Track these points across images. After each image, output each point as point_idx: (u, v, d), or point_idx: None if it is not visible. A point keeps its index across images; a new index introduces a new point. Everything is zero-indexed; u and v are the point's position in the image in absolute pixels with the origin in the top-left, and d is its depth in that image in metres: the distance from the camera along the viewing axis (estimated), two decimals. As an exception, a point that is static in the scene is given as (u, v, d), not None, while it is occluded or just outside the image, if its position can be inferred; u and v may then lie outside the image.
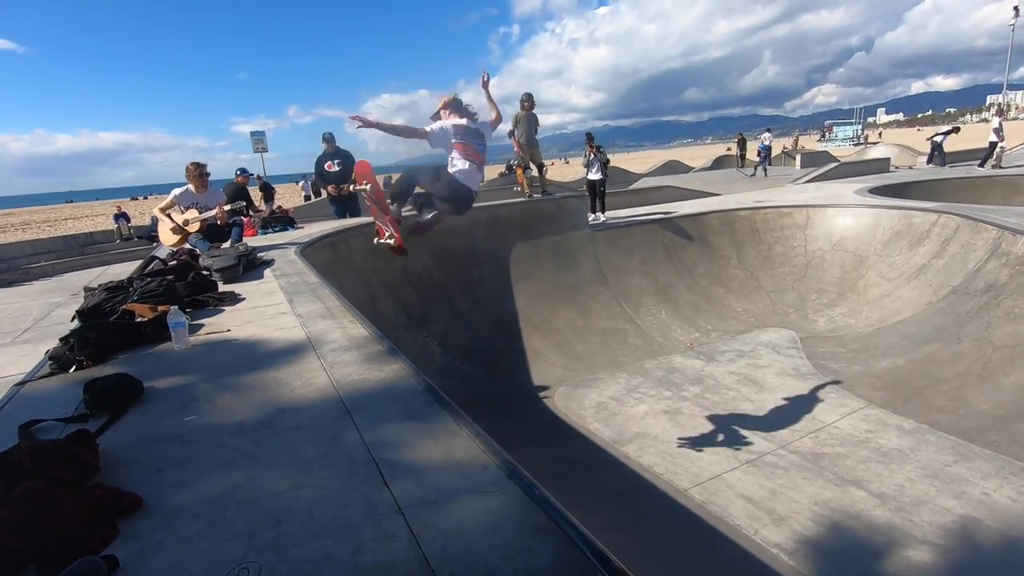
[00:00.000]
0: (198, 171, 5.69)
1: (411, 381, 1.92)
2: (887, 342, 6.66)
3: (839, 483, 4.28)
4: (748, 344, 7.29)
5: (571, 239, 8.74)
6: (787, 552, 3.64)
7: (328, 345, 2.40)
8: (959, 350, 5.82)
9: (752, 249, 9.50)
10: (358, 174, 4.56)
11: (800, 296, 8.57)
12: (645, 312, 8.33)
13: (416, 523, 1.17)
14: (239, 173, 8.72)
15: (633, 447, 5.07)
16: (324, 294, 3.37)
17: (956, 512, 3.85)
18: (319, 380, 2.01)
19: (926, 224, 8.07)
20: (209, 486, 1.38)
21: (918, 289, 7.35)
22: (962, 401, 5.17)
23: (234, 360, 2.33)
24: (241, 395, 1.94)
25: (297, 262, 4.73)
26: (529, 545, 1.06)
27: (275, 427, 1.68)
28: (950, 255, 7.35)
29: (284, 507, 1.27)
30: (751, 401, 5.75)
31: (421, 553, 1.07)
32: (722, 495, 4.28)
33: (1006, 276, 6.16)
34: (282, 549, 1.13)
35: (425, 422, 1.61)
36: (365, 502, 1.26)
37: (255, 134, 21.05)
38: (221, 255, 4.31)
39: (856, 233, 8.86)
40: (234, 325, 2.85)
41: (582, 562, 1.01)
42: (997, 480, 4.13)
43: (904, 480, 4.24)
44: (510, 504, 1.20)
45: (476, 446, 1.45)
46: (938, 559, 3.48)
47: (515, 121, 8.87)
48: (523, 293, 8.06)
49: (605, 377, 6.64)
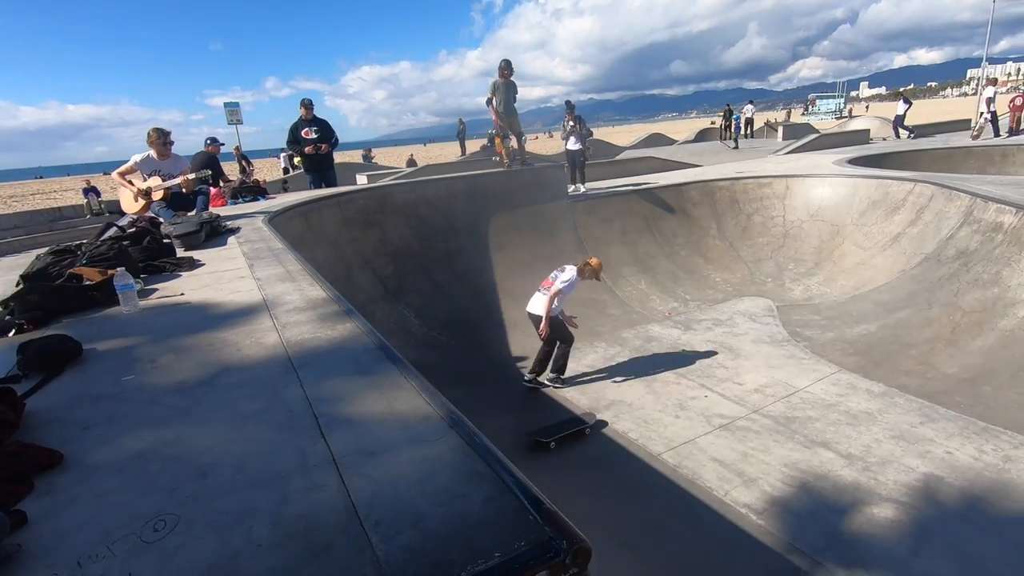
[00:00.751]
0: (160, 138, 5.47)
1: (364, 339, 1.86)
2: (861, 309, 6.74)
3: (809, 445, 4.35)
4: (725, 313, 7.34)
5: (550, 209, 8.65)
6: (756, 512, 3.69)
7: (284, 306, 2.32)
8: (929, 316, 5.91)
9: (731, 219, 9.50)
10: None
11: (778, 265, 8.62)
12: (624, 282, 8.33)
13: (348, 473, 1.12)
14: (209, 142, 8.43)
15: (609, 414, 5.10)
16: (287, 258, 3.27)
17: (920, 471, 3.93)
18: (269, 339, 1.94)
19: (902, 193, 8.12)
20: (136, 442, 1.31)
21: (892, 257, 7.42)
22: (930, 365, 5.27)
23: (183, 322, 2.24)
24: (185, 355, 1.86)
25: (264, 230, 4.60)
26: (463, 491, 1.02)
27: (216, 385, 1.60)
28: (924, 223, 7.41)
29: (212, 461, 1.21)
30: (726, 368, 5.80)
31: (350, 502, 1.02)
32: (694, 459, 4.32)
33: (976, 243, 6.23)
34: (204, 501, 1.07)
35: (372, 376, 1.55)
36: (298, 454, 1.20)
37: (229, 105, 20.40)
38: (183, 222, 4.16)
39: (834, 203, 8.89)
40: (189, 289, 2.75)
41: (515, 506, 0.96)
42: (960, 440, 4.22)
43: (871, 441, 4.32)
44: (448, 452, 1.15)
45: (421, 398, 1.39)
46: (901, 516, 3.55)
47: (493, 89, 8.66)
48: (502, 264, 7.99)
49: (583, 347, 6.64)
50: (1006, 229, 5.91)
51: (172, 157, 5.61)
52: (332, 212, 6.83)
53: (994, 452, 4.03)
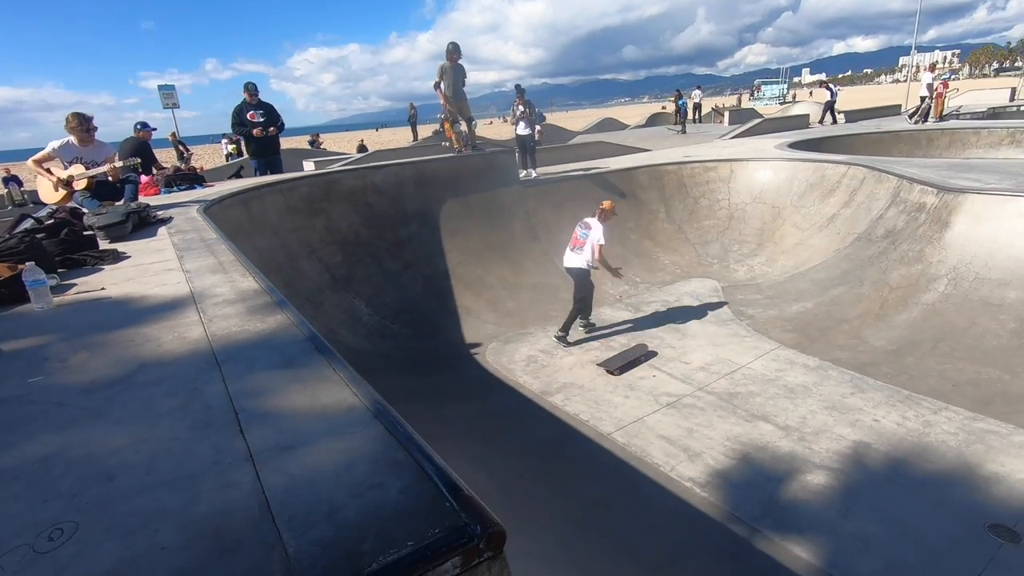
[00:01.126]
0: (81, 123, 5.12)
1: (294, 331, 1.80)
2: (798, 287, 7.04)
3: (750, 419, 4.54)
4: (674, 295, 7.53)
5: (502, 195, 8.62)
6: (700, 485, 3.84)
7: (212, 299, 2.22)
8: (860, 292, 6.23)
9: (679, 203, 9.72)
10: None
11: (723, 247, 8.90)
12: (576, 267, 8.40)
13: (265, 469, 1.08)
14: (139, 127, 7.95)
15: (560, 397, 5.17)
16: (219, 249, 3.13)
17: (850, 438, 4.17)
18: (193, 334, 1.86)
19: (837, 176, 8.49)
20: (38, 447, 1.23)
21: (828, 237, 7.78)
22: (861, 339, 5.57)
23: (101, 319, 2.11)
24: (100, 353, 1.76)
25: (198, 220, 4.39)
26: (380, 481, 1.00)
27: (131, 383, 1.52)
28: (857, 204, 7.78)
29: (120, 463, 1.15)
30: (673, 348, 5.97)
31: (264, 498, 0.99)
32: (642, 437, 4.44)
33: (903, 222, 6.59)
34: (107, 505, 1.02)
35: (298, 369, 1.51)
36: (213, 451, 1.16)
37: (164, 88, 19.28)
38: (107, 212, 3.92)
39: (775, 186, 9.22)
40: (111, 283, 2.59)
41: (432, 494, 0.96)
42: (886, 408, 4.50)
43: (807, 412, 4.54)
44: (369, 443, 1.13)
45: (347, 389, 1.36)
46: (832, 482, 3.77)
47: (440, 73, 8.51)
48: (454, 251, 7.93)
49: (536, 331, 6.70)
50: (928, 209, 6.28)
51: (96, 144, 5.27)
52: (275, 200, 6.59)
53: (916, 418, 4.32)
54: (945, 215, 5.95)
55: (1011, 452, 3.82)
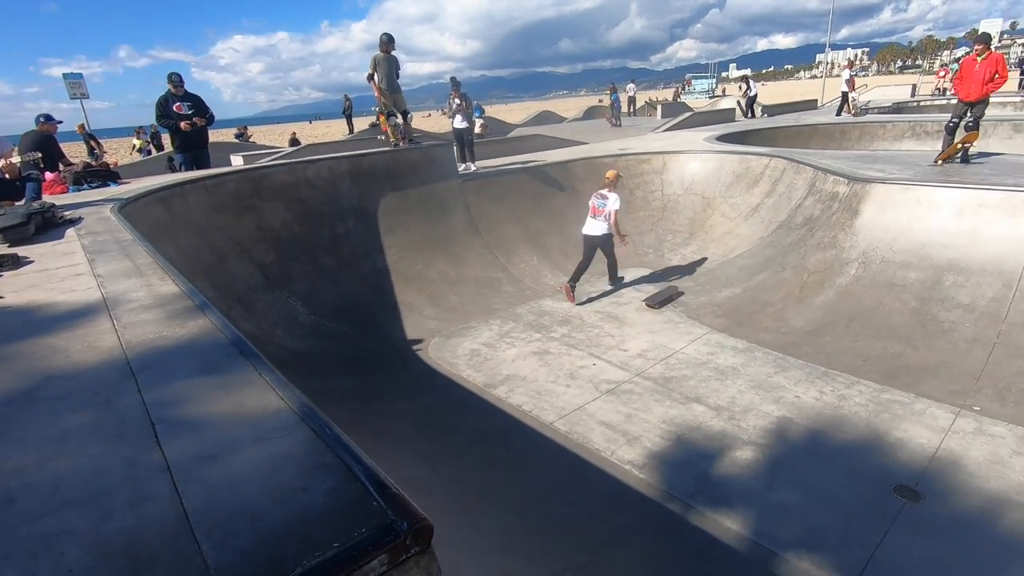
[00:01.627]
0: (-29, 114, 4.67)
1: (218, 335, 1.73)
2: (727, 274, 7.40)
3: (684, 401, 4.75)
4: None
5: (441, 189, 8.55)
6: (638, 467, 3.99)
7: (127, 305, 2.10)
8: (783, 277, 6.63)
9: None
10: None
11: (658, 237, 9.22)
12: (517, 259, 8.48)
13: (184, 480, 1.04)
14: (42, 120, 7.31)
15: (503, 389, 5.22)
16: (136, 251, 2.95)
17: (774, 415, 4.45)
18: (105, 343, 1.75)
19: (760, 167, 8.96)
20: (-78, 472, 1.13)
21: (753, 226, 8.21)
22: (783, 321, 5.93)
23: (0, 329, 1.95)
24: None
25: (111, 220, 4.11)
26: (305, 485, 0.99)
27: (34, 398, 1.42)
28: (778, 194, 8.25)
29: (21, 484, 1.07)
30: (612, 336, 6.14)
31: (182, 510, 0.96)
32: (584, 424, 4.56)
33: (819, 210, 7.05)
34: (7, 530, 0.95)
35: (222, 375, 1.46)
36: (126, 466, 1.11)
37: (70, 76, 17.76)
38: (6, 213, 3.61)
39: (704, 177, 9.62)
40: (10, 291, 2.39)
41: (359, 493, 0.96)
42: (806, 385, 4.82)
43: (736, 392, 4.80)
44: (296, 447, 1.11)
45: (274, 393, 1.33)
46: (759, 456, 4.01)
47: (373, 64, 8.31)
48: (393, 246, 7.80)
49: (478, 325, 6.71)
50: (840, 198, 6.74)
51: (-9, 138, 4.83)
52: (199, 197, 6.26)
53: (832, 392, 4.65)
54: (855, 203, 6.42)
55: (912, 419, 4.19)
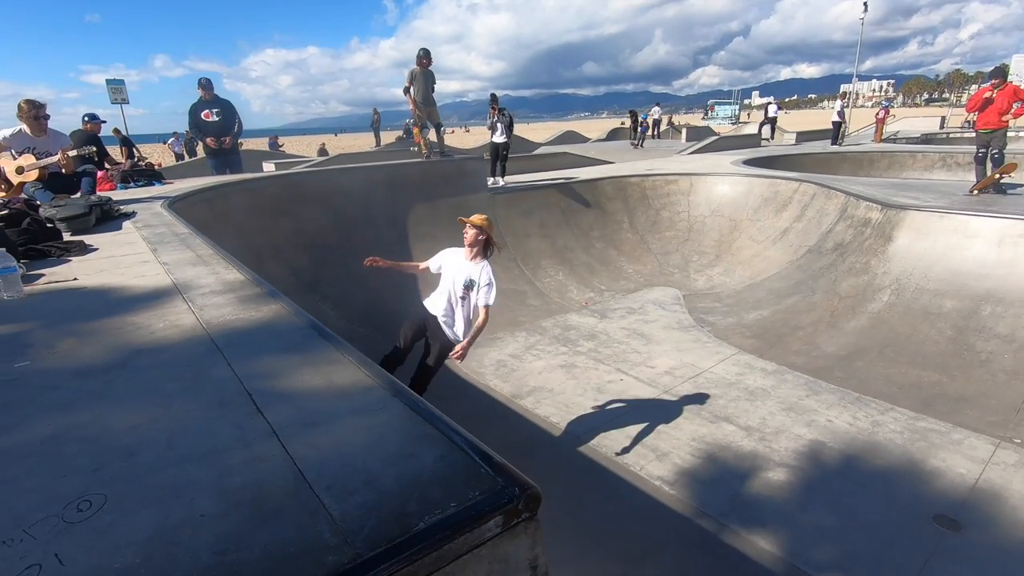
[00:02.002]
0: (34, 111, 4.87)
1: (293, 319, 1.80)
2: (756, 296, 7.37)
3: (713, 420, 4.71)
4: (637, 302, 7.73)
5: (471, 201, 8.66)
6: (668, 483, 3.96)
7: (198, 290, 2.18)
8: (813, 301, 6.58)
9: (642, 214, 10.01)
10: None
11: (683, 257, 9.21)
12: (543, 273, 8.53)
13: (292, 443, 1.09)
14: (87, 120, 7.58)
15: (531, 400, 5.23)
16: (195, 243, 3.05)
17: (806, 438, 4.40)
18: (186, 321, 1.82)
19: (789, 192, 8.95)
20: (42, 427, 1.20)
21: (782, 249, 8.18)
22: (814, 344, 5.88)
23: (81, 307, 2.04)
24: (88, 340, 1.71)
25: (164, 214, 4.25)
26: (412, 452, 1.03)
27: (130, 367, 1.49)
28: (808, 219, 8.22)
29: (137, 440, 1.13)
30: (639, 353, 6.13)
31: (297, 469, 1.01)
32: (612, 438, 4.55)
33: (850, 236, 7.02)
34: (134, 479, 1.01)
35: (305, 353, 1.52)
36: (235, 429, 1.16)
37: (112, 82, 18.41)
38: (68, 204, 3.75)
39: (732, 200, 9.63)
40: (83, 274, 2.50)
41: (466, 463, 1.00)
42: (838, 409, 4.76)
43: (766, 414, 4.76)
44: (395, 419, 1.16)
45: (360, 372, 1.38)
46: (792, 478, 3.96)
47: (410, 78, 8.52)
48: (422, 255, 7.86)
49: (504, 336, 6.74)
50: (873, 224, 6.71)
51: (49, 133, 5.03)
52: (240, 199, 6.43)
53: (865, 418, 4.59)
54: (889, 230, 6.38)
55: (951, 448, 4.12)
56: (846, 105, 17.92)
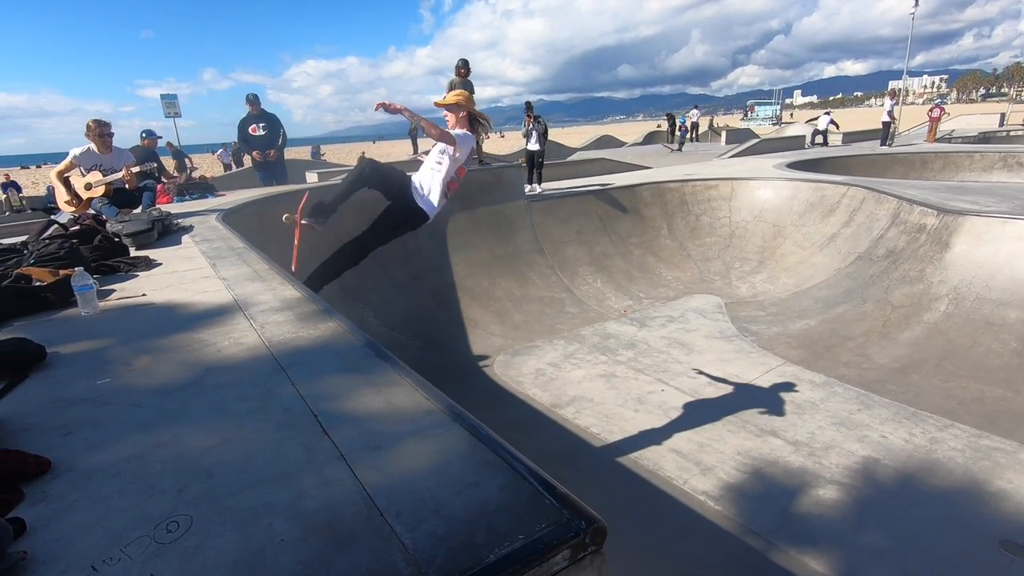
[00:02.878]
0: (100, 129, 5.17)
1: (350, 337, 1.86)
2: (802, 305, 7.16)
3: (759, 433, 4.60)
4: (678, 310, 7.62)
5: (508, 209, 8.72)
6: (713, 498, 3.89)
7: (258, 306, 2.27)
8: (864, 310, 6.35)
9: (681, 220, 9.87)
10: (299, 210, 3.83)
11: (725, 264, 9.03)
12: (581, 281, 8.50)
13: (360, 468, 1.14)
14: (145, 136, 8.01)
15: (570, 410, 5.21)
16: (251, 258, 3.18)
17: (859, 454, 4.24)
18: (249, 339, 1.91)
19: (837, 196, 8.67)
20: (129, 445, 1.28)
21: (829, 256, 7.92)
22: (865, 356, 5.67)
23: (151, 323, 2.16)
24: (161, 357, 1.81)
25: (220, 228, 4.44)
26: (477, 479, 1.06)
27: (202, 385, 1.57)
28: (857, 224, 7.94)
29: (215, 461, 1.20)
30: (680, 363, 6.04)
31: (367, 495, 1.05)
32: (654, 450, 4.49)
33: (903, 243, 6.74)
34: (215, 500, 1.06)
35: (365, 374, 1.57)
36: (305, 451, 1.21)
37: (166, 97, 19.32)
38: (132, 220, 3.97)
39: (775, 205, 9.39)
40: (150, 290, 2.64)
41: (530, 492, 1.01)
42: (893, 424, 4.58)
43: (815, 428, 4.61)
44: (457, 444, 1.19)
45: (419, 394, 1.42)
46: (844, 496, 3.83)
47: (450, 88, 8.64)
48: (461, 263, 8.00)
49: (543, 344, 6.75)
50: (928, 230, 6.43)
51: (114, 150, 5.32)
52: (287, 209, 6.63)
53: (922, 435, 4.40)
54: (945, 236, 6.10)
55: (1018, 469, 3.90)
56: (896, 103, 17.18)
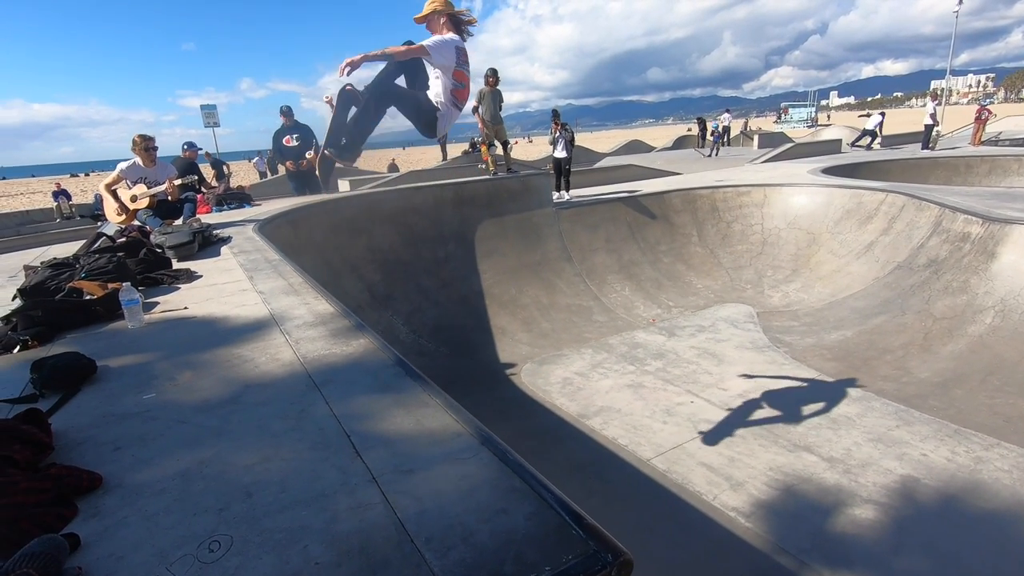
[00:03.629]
0: (145, 143, 5.40)
1: (381, 355, 1.90)
2: (838, 315, 6.97)
3: (792, 449, 4.49)
4: (708, 319, 7.50)
5: (536, 217, 8.75)
6: (744, 515, 3.81)
7: (292, 321, 2.35)
8: (903, 322, 6.15)
9: (712, 227, 9.72)
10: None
11: (757, 272, 8.85)
12: (609, 289, 8.46)
13: (391, 491, 1.17)
14: (186, 148, 8.33)
15: (598, 420, 5.18)
16: (286, 270, 3.28)
17: (898, 472, 4.10)
18: (285, 355, 1.97)
19: (875, 203, 8.42)
20: (174, 462, 1.34)
21: (867, 265, 7.69)
22: (905, 370, 5.48)
23: (193, 337, 2.25)
24: (203, 372, 1.88)
25: (256, 239, 4.59)
26: (504, 507, 1.08)
27: (241, 402, 1.64)
28: (896, 232, 7.70)
29: (254, 480, 1.25)
30: (711, 374, 5.94)
31: (397, 519, 1.08)
32: (683, 464, 4.43)
33: (946, 252, 6.51)
34: (254, 521, 1.11)
35: (396, 393, 1.60)
36: (339, 472, 1.25)
37: (206, 107, 20.08)
38: (174, 232, 4.13)
39: (810, 211, 9.17)
40: (191, 303, 2.75)
41: (557, 522, 1.03)
42: (934, 442, 4.42)
43: (851, 444, 4.48)
44: (484, 469, 1.21)
45: (448, 416, 1.45)
46: (882, 516, 3.71)
47: (479, 97, 8.75)
48: (489, 271, 8.05)
49: (570, 353, 6.73)
50: (973, 239, 6.19)
51: (158, 164, 5.56)
52: (320, 219, 6.82)
53: (966, 454, 4.23)
54: (992, 246, 5.87)
55: (1070, 492, 3.72)
56: (939, 104, 16.48)
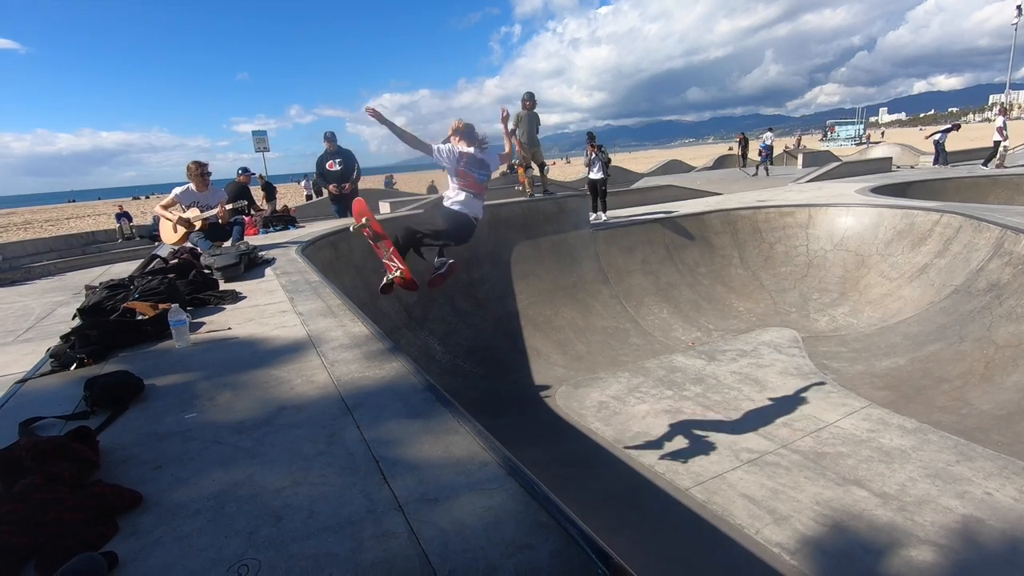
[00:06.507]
0: (199, 170, 5.70)
1: (412, 379, 1.92)
2: (889, 341, 6.64)
3: (841, 482, 4.27)
4: (750, 343, 7.28)
5: (572, 238, 8.73)
6: (789, 552, 3.63)
7: (329, 343, 2.40)
8: (961, 350, 5.81)
9: (754, 248, 9.49)
10: (355, 213, 4.36)
11: (802, 295, 8.56)
12: (646, 311, 8.32)
13: (416, 520, 1.16)
14: (240, 172, 8.74)
15: (634, 446, 5.06)
16: (325, 292, 3.37)
17: (958, 512, 3.84)
18: (320, 378, 2.01)
19: (928, 224, 8.05)
20: (209, 483, 1.38)
21: (920, 288, 7.33)
22: (964, 401, 5.16)
23: (235, 358, 2.33)
24: (241, 393, 1.94)
25: (298, 261, 4.73)
26: (529, 542, 1.06)
27: (275, 424, 1.67)
28: (952, 254, 7.33)
29: (284, 504, 1.27)
30: (752, 400, 5.74)
31: (421, 550, 1.07)
32: (723, 494, 4.27)
33: (1008, 276, 6.14)
34: (282, 546, 1.12)
35: (425, 419, 1.61)
36: (365, 499, 1.26)
37: (257, 133, 21.07)
38: (222, 254, 4.31)
39: (858, 232, 8.84)
40: (235, 323, 2.85)
41: (582, 560, 1.00)
42: (1000, 480, 4.12)
43: (906, 479, 4.23)
44: (510, 501, 1.20)
45: (476, 443, 1.44)
46: (941, 559, 3.46)
47: (516, 120, 8.86)
48: (524, 292, 8.06)
49: (606, 376, 6.63)
50: (1038, 262, 5.83)
51: (211, 188, 5.84)
52: (359, 241, 6.96)
53: (1035, 494, 3.93)
54: (1059, 270, 5.51)
55: None
56: (1008, 118, 15.51)
